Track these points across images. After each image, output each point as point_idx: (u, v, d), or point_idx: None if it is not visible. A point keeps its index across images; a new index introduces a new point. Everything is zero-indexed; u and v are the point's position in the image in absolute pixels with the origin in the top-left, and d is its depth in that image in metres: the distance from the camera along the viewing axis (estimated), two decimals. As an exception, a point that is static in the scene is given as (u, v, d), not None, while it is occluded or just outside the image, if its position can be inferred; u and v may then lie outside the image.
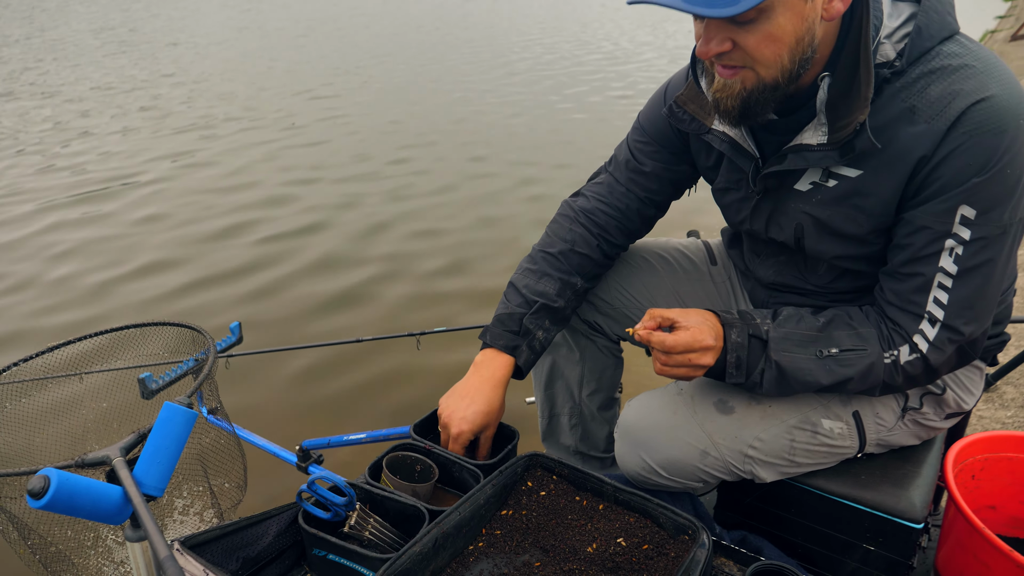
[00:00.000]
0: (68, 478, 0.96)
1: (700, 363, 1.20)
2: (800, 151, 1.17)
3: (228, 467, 1.68)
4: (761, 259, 1.44)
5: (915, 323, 1.18)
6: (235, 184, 6.29)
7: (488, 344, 1.48)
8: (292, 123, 8.40)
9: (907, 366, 1.20)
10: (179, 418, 1.08)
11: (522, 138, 7.46)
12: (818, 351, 1.20)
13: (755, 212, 1.35)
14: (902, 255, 1.18)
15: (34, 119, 9.20)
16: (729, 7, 0.99)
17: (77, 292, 4.29)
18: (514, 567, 1.23)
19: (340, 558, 1.21)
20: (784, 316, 1.24)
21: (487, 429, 1.45)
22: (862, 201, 1.18)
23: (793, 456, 1.35)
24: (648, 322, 1.24)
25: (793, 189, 1.26)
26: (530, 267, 1.52)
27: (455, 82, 10.53)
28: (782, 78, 1.10)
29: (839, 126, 1.11)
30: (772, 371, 1.22)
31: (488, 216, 5.30)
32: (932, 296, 1.16)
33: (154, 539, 0.91)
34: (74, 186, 6.40)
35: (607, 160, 1.59)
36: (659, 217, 1.58)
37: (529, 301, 1.47)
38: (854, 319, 1.23)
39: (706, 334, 1.19)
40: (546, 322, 1.48)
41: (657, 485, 1.39)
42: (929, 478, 1.40)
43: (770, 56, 1.07)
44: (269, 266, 4.55)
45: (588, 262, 1.52)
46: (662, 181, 1.50)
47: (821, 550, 1.45)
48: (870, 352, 1.20)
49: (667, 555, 1.20)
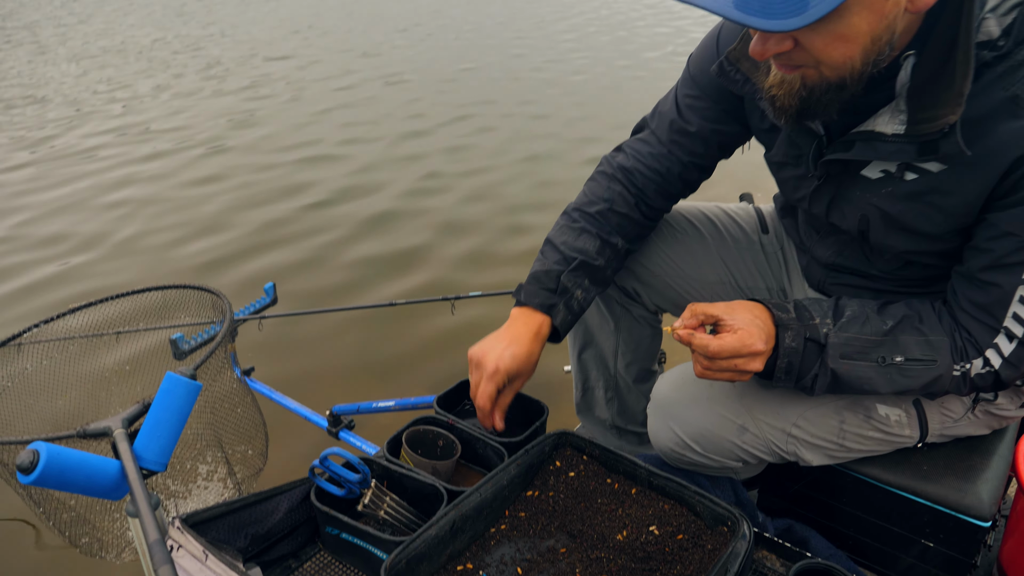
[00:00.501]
0: (59, 452, 0.90)
1: (748, 368, 1.06)
2: (870, 139, 1.01)
3: (251, 434, 1.64)
4: (820, 237, 1.29)
5: (990, 336, 1.05)
6: (292, 143, 6.27)
7: (522, 302, 1.35)
8: (349, 84, 8.31)
9: (977, 379, 1.07)
10: (181, 389, 1.01)
11: (582, 96, 7.25)
12: (880, 358, 1.06)
13: (815, 195, 1.19)
14: (981, 259, 1.03)
15: (94, 79, 9.34)
16: (793, 16, 0.82)
17: (126, 253, 4.33)
18: (538, 552, 1.15)
19: (353, 538, 1.15)
20: (848, 318, 1.09)
21: (517, 379, 1.31)
22: (942, 200, 1.02)
23: (843, 440, 1.23)
24: (689, 320, 1.09)
25: (860, 175, 1.10)
26: (568, 224, 1.39)
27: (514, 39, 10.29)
28: (850, 80, 0.94)
29: (921, 118, 0.95)
30: (826, 378, 1.08)
31: (546, 179, 5.17)
32: (1012, 310, 1.02)
33: (145, 519, 0.85)
34: (131, 144, 6.47)
35: (651, 110, 1.44)
36: (704, 179, 1.44)
37: (567, 258, 1.34)
38: (925, 323, 1.08)
39: (756, 337, 1.05)
40: (585, 281, 1.35)
41: (692, 463, 1.29)
42: (1000, 471, 1.27)
43: (839, 58, 0.91)
44: (320, 227, 4.51)
45: (628, 222, 1.39)
46: (708, 143, 1.35)
47: (874, 543, 1.34)
48: (940, 364, 1.06)
49: (703, 547, 1.11)
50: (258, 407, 1.65)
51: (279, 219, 4.67)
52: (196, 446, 1.66)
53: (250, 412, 1.62)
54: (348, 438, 2.25)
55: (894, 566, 1.33)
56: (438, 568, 1.10)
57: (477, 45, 10.27)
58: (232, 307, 1.46)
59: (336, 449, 1.17)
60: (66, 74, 9.75)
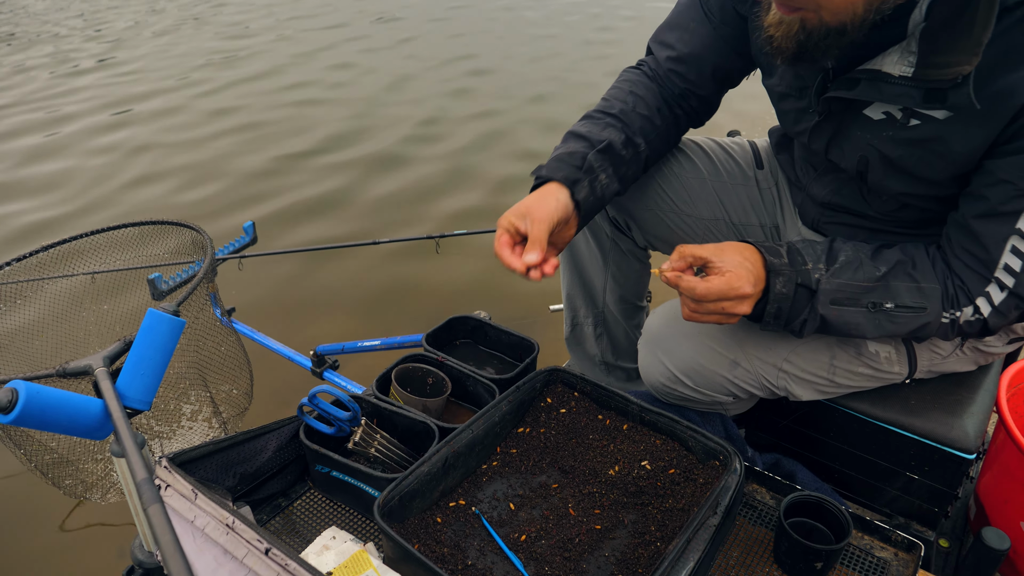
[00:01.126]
0: (39, 391, 0.87)
1: (735, 312, 1.03)
2: (876, 80, 0.97)
3: (235, 373, 1.61)
4: (818, 174, 1.26)
5: (982, 285, 1.03)
6: (285, 84, 6.08)
7: (543, 178, 1.21)
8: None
9: (965, 326, 1.06)
10: (164, 326, 0.98)
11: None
12: (871, 304, 1.05)
13: (816, 130, 1.15)
14: (976, 206, 1.00)
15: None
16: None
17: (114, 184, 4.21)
18: (530, 488, 1.15)
19: (344, 476, 1.14)
20: (841, 263, 1.06)
21: (531, 218, 1.14)
22: (945, 148, 0.99)
23: (833, 376, 1.23)
24: (677, 262, 1.06)
25: (862, 114, 1.06)
26: (590, 120, 1.30)
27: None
28: (851, 26, 0.89)
29: (933, 62, 0.90)
30: (815, 323, 1.07)
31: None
32: (1004, 260, 1.00)
33: (132, 458, 0.83)
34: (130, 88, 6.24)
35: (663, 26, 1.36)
36: (727, 89, 1.37)
37: (594, 142, 1.24)
38: (918, 269, 1.06)
39: (744, 280, 1.01)
40: (610, 169, 1.25)
41: (682, 398, 1.29)
42: (985, 405, 1.28)
43: (840, 2, 0.87)
44: (304, 170, 4.41)
45: (651, 127, 1.32)
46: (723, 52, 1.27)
47: (859, 476, 1.36)
48: (929, 312, 1.05)
49: (695, 480, 1.11)
50: (242, 345, 1.62)
51: (265, 164, 4.56)
52: (180, 386, 1.63)
53: (234, 351, 1.59)
54: (333, 378, 2.23)
55: (878, 498, 1.36)
56: (430, 504, 1.09)
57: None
58: (213, 243, 1.42)
59: (325, 387, 1.15)
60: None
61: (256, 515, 1.15)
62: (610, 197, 1.28)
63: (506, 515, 1.10)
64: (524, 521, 1.08)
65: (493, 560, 1.02)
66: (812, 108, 1.12)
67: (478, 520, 1.08)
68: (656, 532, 1.06)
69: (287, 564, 0.82)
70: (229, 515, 0.89)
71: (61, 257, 1.62)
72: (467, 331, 1.52)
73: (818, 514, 1.07)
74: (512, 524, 1.08)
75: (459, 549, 1.03)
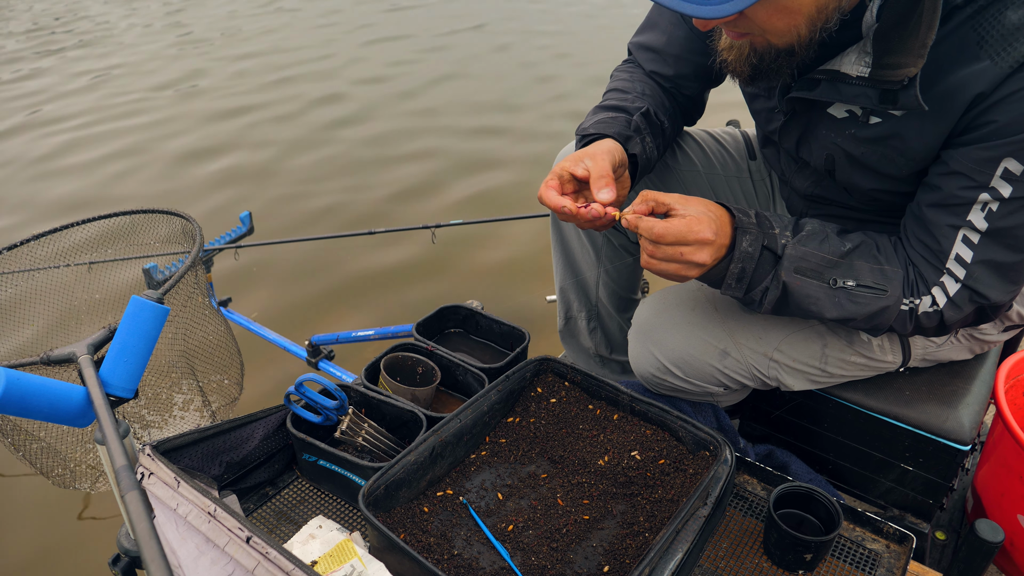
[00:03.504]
0: (20, 378, 0.86)
1: (693, 259, 0.99)
2: (835, 80, 0.98)
3: (226, 363, 1.60)
4: (798, 168, 1.25)
5: (936, 275, 1.02)
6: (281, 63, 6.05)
7: (592, 135, 1.18)
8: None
9: (923, 317, 1.05)
10: (147, 313, 0.97)
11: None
12: (832, 280, 1.03)
13: (784, 129, 1.16)
14: (930, 196, 1.00)
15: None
16: (725, 3, 0.80)
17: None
18: (519, 478, 1.14)
19: (331, 464, 1.13)
20: (807, 232, 1.05)
21: (589, 158, 1.10)
22: (903, 144, 1.00)
23: (825, 365, 1.22)
24: (640, 206, 1.02)
25: (826, 113, 1.06)
26: (615, 94, 1.27)
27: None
28: (799, 47, 0.91)
29: (885, 63, 0.91)
30: (776, 291, 1.04)
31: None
32: (955, 252, 0.99)
33: (111, 445, 0.82)
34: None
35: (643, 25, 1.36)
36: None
37: (631, 110, 1.23)
38: (882, 252, 1.05)
39: (704, 225, 0.97)
40: (650, 134, 1.23)
41: (673, 388, 1.28)
42: (981, 396, 1.27)
43: (783, 27, 0.89)
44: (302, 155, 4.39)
45: (664, 108, 1.30)
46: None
47: (853, 467, 1.35)
48: (890, 294, 1.03)
49: (685, 471, 1.10)
50: (232, 336, 1.61)
51: (259, 154, 4.55)
52: (171, 376, 1.62)
53: (224, 341, 1.58)
54: (328, 368, 2.23)
55: (873, 489, 1.35)
56: (417, 494, 1.08)
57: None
58: (203, 231, 1.41)
59: (312, 375, 1.14)
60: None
61: (243, 504, 1.14)
62: (654, 163, 1.26)
63: (494, 505, 1.09)
64: (512, 511, 1.08)
65: (480, 550, 1.01)
66: (777, 108, 1.12)
67: (465, 510, 1.07)
68: (645, 523, 1.05)
69: (267, 552, 0.81)
70: (211, 503, 0.88)
71: (55, 246, 1.61)
72: (458, 320, 1.51)
73: (808, 505, 1.06)
74: (500, 514, 1.07)
75: (445, 539, 1.02)
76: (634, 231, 1.00)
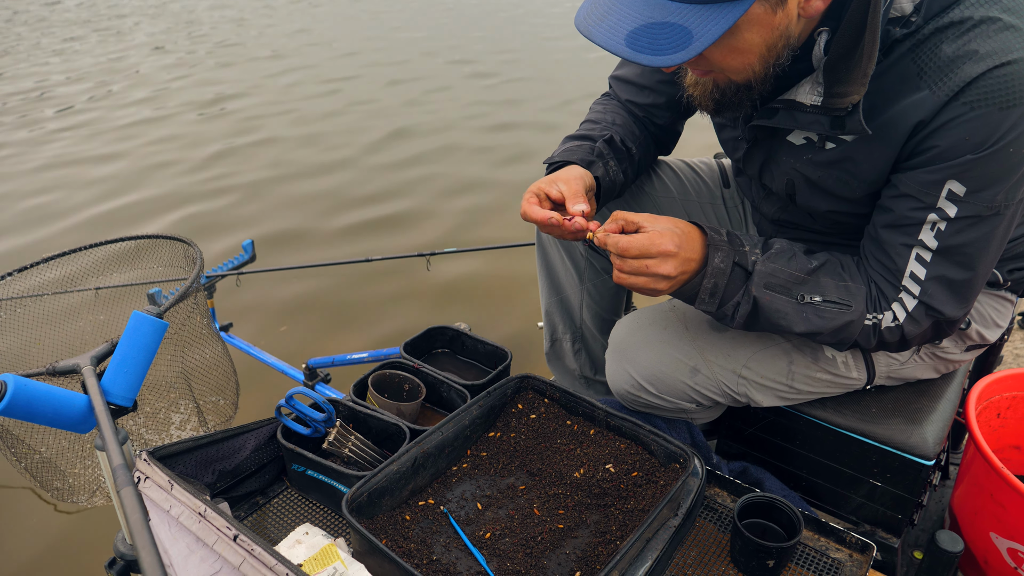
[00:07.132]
0: (26, 384, 0.93)
1: (659, 272, 1.05)
2: (791, 108, 1.06)
3: (223, 384, 1.66)
4: (765, 194, 1.33)
5: (894, 292, 1.09)
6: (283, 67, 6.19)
7: (557, 163, 1.29)
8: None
9: (886, 332, 1.11)
10: (146, 327, 1.04)
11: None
12: (800, 295, 1.10)
13: (747, 156, 1.24)
14: (884, 217, 1.08)
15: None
16: (679, 51, 0.89)
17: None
18: (497, 489, 1.19)
19: (318, 474, 1.18)
20: (776, 250, 1.12)
21: (561, 181, 1.20)
22: (855, 168, 1.08)
23: (792, 381, 1.27)
24: (610, 225, 1.10)
25: (786, 140, 1.15)
26: (584, 127, 1.38)
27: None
28: (755, 82, 1.01)
29: (835, 92, 0.99)
30: (748, 306, 1.10)
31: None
32: (909, 269, 1.06)
33: (110, 447, 0.88)
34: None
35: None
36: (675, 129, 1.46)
37: (595, 138, 1.33)
38: (847, 270, 1.12)
39: (667, 239, 1.04)
40: (615, 159, 1.32)
41: (648, 405, 1.33)
42: (945, 414, 1.32)
43: (738, 66, 0.98)
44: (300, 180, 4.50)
45: (634, 138, 1.39)
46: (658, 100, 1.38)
47: (826, 484, 1.39)
48: (854, 309, 1.10)
49: (656, 483, 1.15)
50: (230, 358, 1.67)
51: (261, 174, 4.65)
52: (170, 395, 1.68)
53: (223, 363, 1.64)
54: (325, 391, 2.28)
55: (845, 505, 1.39)
56: (400, 503, 1.13)
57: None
58: (203, 254, 1.48)
59: (302, 389, 1.20)
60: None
61: (234, 511, 1.20)
62: (619, 186, 1.35)
63: (473, 514, 1.14)
64: (490, 520, 1.13)
65: (457, 556, 1.06)
66: (740, 137, 1.20)
67: (446, 518, 1.12)
68: (617, 531, 1.10)
69: (253, 549, 0.86)
70: (202, 504, 0.93)
71: (59, 271, 1.68)
72: (445, 340, 1.57)
73: (772, 515, 1.11)
74: (478, 523, 1.12)
75: (425, 545, 1.07)
76: (603, 247, 1.08)
